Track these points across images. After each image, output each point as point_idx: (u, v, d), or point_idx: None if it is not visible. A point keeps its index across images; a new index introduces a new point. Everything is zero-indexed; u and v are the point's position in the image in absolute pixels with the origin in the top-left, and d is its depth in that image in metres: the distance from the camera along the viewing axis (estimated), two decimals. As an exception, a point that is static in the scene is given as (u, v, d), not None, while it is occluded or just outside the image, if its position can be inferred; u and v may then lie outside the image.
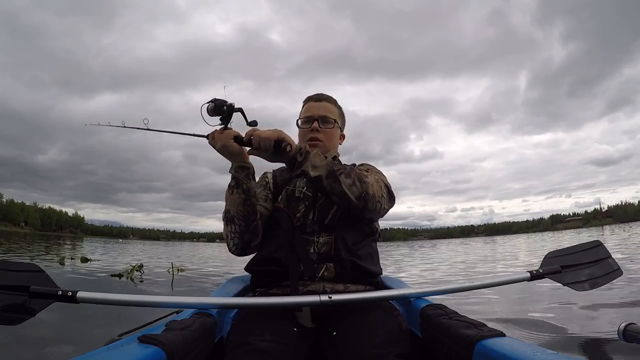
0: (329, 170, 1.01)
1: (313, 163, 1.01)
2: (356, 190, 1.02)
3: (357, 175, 1.05)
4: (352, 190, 1.02)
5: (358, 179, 1.04)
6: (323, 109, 1.28)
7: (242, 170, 1.06)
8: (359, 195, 1.03)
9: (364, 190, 1.03)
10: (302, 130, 1.28)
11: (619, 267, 1.28)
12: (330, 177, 1.01)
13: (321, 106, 1.29)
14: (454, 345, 0.80)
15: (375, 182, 1.10)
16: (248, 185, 1.06)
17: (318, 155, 1.04)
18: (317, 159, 1.02)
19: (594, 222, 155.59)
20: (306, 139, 1.25)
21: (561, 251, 1.30)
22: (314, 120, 1.25)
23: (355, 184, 1.03)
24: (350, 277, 1.06)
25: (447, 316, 0.90)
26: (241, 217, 1.06)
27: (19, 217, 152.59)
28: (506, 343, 0.70)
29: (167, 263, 8.01)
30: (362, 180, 1.05)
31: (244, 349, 0.82)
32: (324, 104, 1.29)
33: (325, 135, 1.25)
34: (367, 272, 1.08)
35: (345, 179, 1.02)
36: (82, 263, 7.94)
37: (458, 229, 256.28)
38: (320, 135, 1.24)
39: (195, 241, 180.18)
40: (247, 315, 0.98)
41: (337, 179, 1.01)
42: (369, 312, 0.97)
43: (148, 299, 0.93)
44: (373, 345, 0.84)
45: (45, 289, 0.89)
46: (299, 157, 1.01)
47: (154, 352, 0.65)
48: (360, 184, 1.03)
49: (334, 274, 1.05)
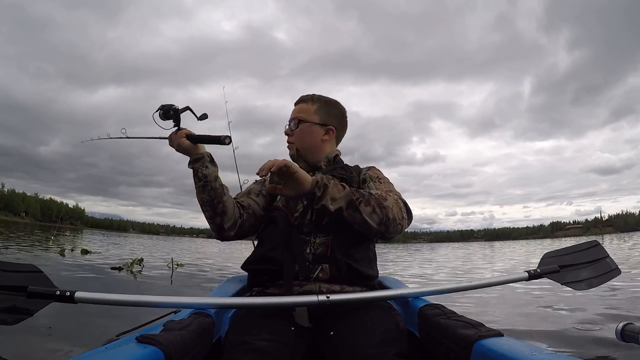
0: (349, 201, 1.00)
1: (332, 196, 0.99)
2: (377, 217, 1.01)
3: (377, 201, 1.03)
4: (373, 218, 1.01)
5: (378, 206, 1.02)
6: (296, 111, 1.32)
7: (196, 162, 1.11)
8: (379, 222, 1.02)
9: (384, 215, 1.02)
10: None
11: (617, 266, 1.28)
12: (351, 208, 0.99)
13: (295, 109, 1.33)
14: (452, 345, 0.80)
15: (395, 204, 1.06)
16: (203, 172, 1.10)
17: (336, 185, 1.01)
18: (335, 191, 1.00)
19: (594, 231, 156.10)
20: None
21: (559, 251, 1.30)
22: (287, 124, 1.31)
23: (375, 211, 1.01)
24: (345, 278, 1.05)
25: (445, 316, 0.90)
26: (206, 203, 1.11)
27: (20, 207, 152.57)
28: (504, 343, 0.70)
29: (167, 257, 8.06)
30: (382, 205, 1.03)
31: (241, 349, 0.82)
32: (299, 106, 1.33)
33: (295, 137, 1.29)
34: (363, 275, 1.07)
35: (365, 207, 1.00)
36: (83, 255, 8.01)
37: (458, 233, 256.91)
38: (291, 138, 1.30)
39: (195, 237, 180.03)
40: (245, 315, 0.98)
41: (357, 209, 0.99)
42: (366, 311, 0.97)
43: (146, 299, 0.93)
44: (371, 345, 0.84)
45: (43, 289, 0.89)
46: (318, 192, 0.99)
47: (152, 352, 0.65)
48: (381, 210, 1.02)
49: (329, 275, 1.04)
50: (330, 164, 1.29)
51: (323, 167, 1.28)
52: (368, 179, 1.21)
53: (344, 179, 1.19)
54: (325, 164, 1.29)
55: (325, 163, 1.29)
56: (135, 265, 5.93)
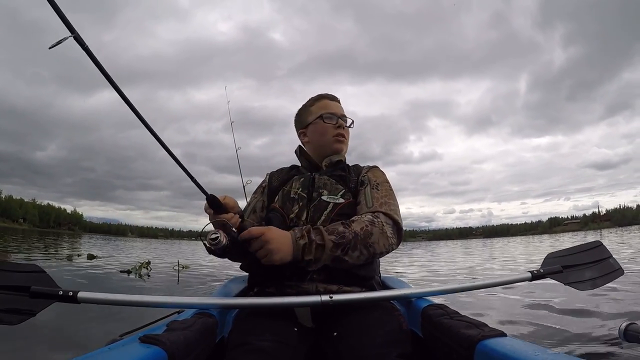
0: (332, 258, 0.98)
1: (316, 265, 0.98)
2: (363, 257, 1.02)
3: (363, 242, 1.00)
4: (360, 259, 1.01)
5: (364, 246, 1.01)
6: (342, 109, 1.34)
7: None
8: (366, 259, 1.03)
9: (371, 254, 1.03)
10: (327, 125, 1.29)
11: (620, 266, 1.27)
12: (335, 262, 0.99)
13: (339, 106, 1.35)
14: (455, 345, 0.80)
15: (381, 236, 1.04)
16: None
17: (317, 248, 0.97)
18: (318, 254, 0.97)
19: (592, 226, 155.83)
20: (333, 134, 1.29)
21: (562, 252, 1.30)
22: (338, 117, 1.30)
23: (362, 253, 1.01)
24: (341, 279, 1.05)
25: (448, 316, 0.90)
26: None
27: (18, 214, 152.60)
28: (507, 343, 0.69)
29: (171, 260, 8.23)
30: (368, 244, 1.01)
31: (244, 349, 0.82)
32: (340, 105, 1.35)
33: (347, 134, 1.32)
34: (358, 276, 1.07)
35: (352, 253, 0.99)
36: (89, 260, 8.23)
37: (456, 231, 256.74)
38: (346, 134, 1.32)
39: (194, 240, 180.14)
40: (248, 315, 0.98)
41: (342, 260, 0.99)
42: (369, 312, 0.97)
43: (149, 299, 0.93)
44: (374, 346, 0.84)
45: (46, 289, 0.89)
46: (301, 264, 0.97)
47: (155, 352, 0.65)
48: (367, 250, 1.01)
49: (323, 275, 1.04)
50: (331, 165, 1.29)
51: (324, 167, 1.29)
52: (366, 182, 1.20)
53: (342, 179, 1.20)
54: (326, 165, 1.29)
55: (326, 164, 1.29)
56: (143, 268, 6.21)
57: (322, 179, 1.20)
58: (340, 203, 1.14)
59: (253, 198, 1.33)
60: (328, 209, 1.13)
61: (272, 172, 1.37)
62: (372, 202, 1.13)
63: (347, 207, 1.14)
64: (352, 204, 1.16)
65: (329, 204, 1.14)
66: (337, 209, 1.13)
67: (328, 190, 1.17)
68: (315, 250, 0.96)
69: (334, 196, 1.16)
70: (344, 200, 1.15)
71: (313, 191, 1.18)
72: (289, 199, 1.18)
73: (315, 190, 1.18)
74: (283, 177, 1.29)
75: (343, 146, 1.31)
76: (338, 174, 1.22)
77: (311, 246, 0.96)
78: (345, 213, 1.12)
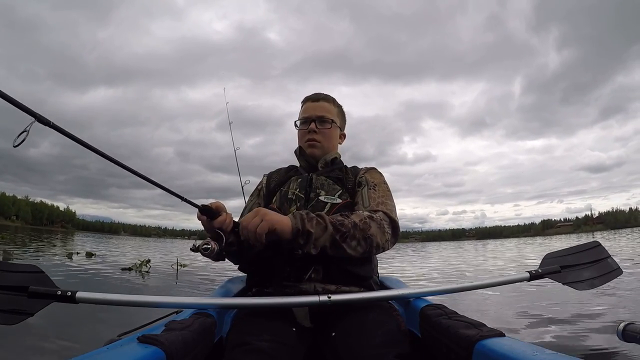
0: (332, 241, 0.97)
1: (315, 239, 0.96)
2: (361, 249, 1.01)
3: (362, 232, 1.00)
4: (357, 250, 1.01)
5: (362, 237, 1.00)
6: (320, 109, 1.29)
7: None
8: (363, 252, 1.02)
9: (369, 245, 1.02)
10: (301, 131, 1.31)
11: (619, 266, 1.28)
12: (334, 246, 0.98)
13: (318, 106, 1.30)
14: (453, 345, 0.80)
15: (379, 230, 1.04)
16: None
17: (318, 224, 0.97)
18: (318, 231, 0.96)
19: (584, 228, 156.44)
20: (304, 140, 1.28)
21: (560, 252, 1.30)
22: (312, 121, 1.27)
23: (360, 244, 1.00)
24: (339, 279, 1.05)
25: (447, 316, 0.90)
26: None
27: (10, 211, 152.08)
28: (505, 343, 0.69)
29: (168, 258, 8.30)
30: (366, 236, 1.01)
31: (243, 349, 0.82)
32: (321, 104, 1.30)
33: (322, 136, 1.27)
34: (355, 276, 1.07)
35: (350, 242, 0.99)
36: (88, 258, 8.38)
37: (449, 232, 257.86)
38: (317, 137, 1.27)
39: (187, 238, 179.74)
40: (247, 315, 0.98)
41: (341, 246, 0.98)
42: (367, 312, 0.97)
43: (147, 299, 0.93)
44: (372, 346, 0.84)
45: (44, 289, 0.89)
46: (301, 240, 0.95)
47: (154, 352, 0.65)
48: (365, 241, 1.01)
49: (321, 275, 1.04)
50: (327, 165, 1.29)
51: (320, 168, 1.29)
52: (364, 183, 1.20)
53: (340, 180, 1.20)
54: (323, 165, 1.29)
55: (323, 165, 1.29)
56: (143, 266, 6.38)
57: (319, 179, 1.21)
58: (337, 203, 1.15)
59: (250, 201, 1.33)
60: (325, 209, 1.13)
61: (269, 173, 1.37)
62: (369, 202, 1.13)
63: (344, 207, 1.14)
64: (350, 205, 1.16)
65: (326, 205, 1.14)
66: (334, 210, 1.13)
67: (325, 190, 1.18)
68: (316, 226, 0.96)
69: (331, 197, 1.16)
70: (341, 200, 1.15)
71: (310, 192, 1.18)
72: (286, 199, 1.18)
73: (312, 191, 1.18)
74: (281, 177, 1.29)
75: (315, 150, 1.28)
76: (335, 175, 1.22)
77: (312, 220, 0.96)
78: (343, 213, 1.12)
